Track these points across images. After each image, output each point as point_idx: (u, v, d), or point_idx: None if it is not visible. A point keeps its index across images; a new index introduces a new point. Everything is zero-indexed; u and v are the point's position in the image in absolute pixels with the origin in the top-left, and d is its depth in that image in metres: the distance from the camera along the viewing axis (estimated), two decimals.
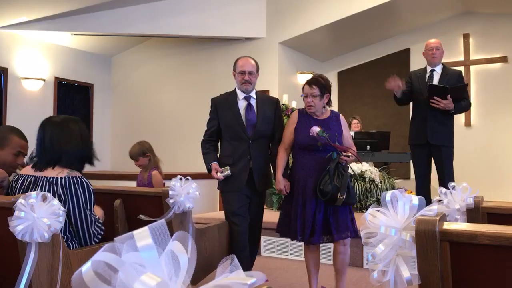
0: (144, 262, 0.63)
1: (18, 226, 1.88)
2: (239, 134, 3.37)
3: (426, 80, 4.46)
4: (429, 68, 4.52)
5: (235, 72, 3.44)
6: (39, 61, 7.50)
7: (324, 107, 3.26)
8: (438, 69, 4.49)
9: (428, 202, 4.03)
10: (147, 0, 6.91)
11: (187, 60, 8.17)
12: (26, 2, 6.19)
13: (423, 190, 4.44)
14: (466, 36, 7.23)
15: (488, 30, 7.08)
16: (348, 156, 3.07)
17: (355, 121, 6.62)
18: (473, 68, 7.18)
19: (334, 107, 5.42)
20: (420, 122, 4.38)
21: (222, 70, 7.49)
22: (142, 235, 0.62)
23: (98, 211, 2.60)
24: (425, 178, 4.46)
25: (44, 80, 7.47)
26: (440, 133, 4.31)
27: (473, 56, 7.17)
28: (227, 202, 3.44)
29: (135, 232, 0.63)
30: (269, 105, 3.50)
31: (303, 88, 3.26)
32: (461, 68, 7.11)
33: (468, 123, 7.11)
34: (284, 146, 3.33)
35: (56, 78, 7.79)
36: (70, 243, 2.28)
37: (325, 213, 3.10)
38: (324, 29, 6.97)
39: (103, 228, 2.45)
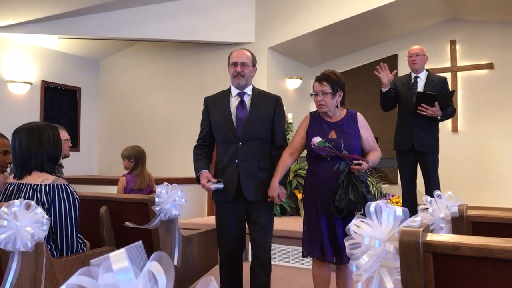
0: (121, 284, 0.62)
1: (1, 235, 1.85)
2: (228, 135, 3.01)
3: (411, 86, 4.48)
4: (413, 75, 4.55)
5: (228, 65, 3.12)
6: (26, 64, 7.43)
7: (337, 106, 2.91)
8: (422, 76, 4.52)
9: (415, 207, 4.02)
10: (136, 4, 6.88)
11: (176, 64, 8.15)
12: (13, 5, 6.13)
13: (409, 195, 4.47)
14: (453, 43, 7.30)
15: (475, 37, 7.15)
16: (360, 165, 2.70)
17: None
18: (460, 74, 7.25)
19: None
20: (406, 128, 4.42)
21: (211, 74, 7.48)
22: (118, 258, 0.61)
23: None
24: (411, 184, 4.49)
25: (30, 84, 7.39)
26: (425, 140, 4.35)
27: (460, 63, 7.24)
28: (216, 214, 3.11)
29: (111, 254, 0.62)
30: (267, 102, 3.10)
31: (313, 86, 2.96)
32: (448, 74, 7.19)
33: (455, 129, 7.17)
34: (290, 150, 3.00)
35: (43, 81, 7.71)
36: (54, 252, 2.26)
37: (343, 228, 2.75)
38: (312, 34, 6.99)
39: (84, 247, 2.42)
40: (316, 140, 2.75)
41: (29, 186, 2.24)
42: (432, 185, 4.28)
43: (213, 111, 3.10)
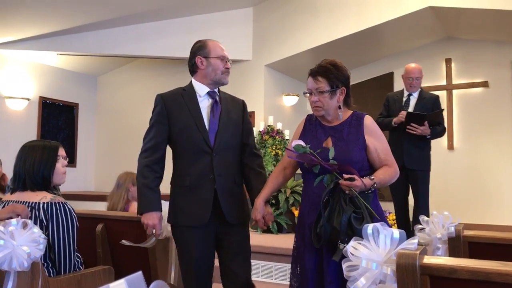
0: None
1: None
2: (199, 144, 2.41)
3: (403, 104, 4.51)
4: (406, 93, 4.57)
5: (209, 57, 2.50)
6: (24, 80, 7.45)
7: (339, 107, 2.26)
8: (415, 93, 4.54)
9: (407, 225, 3.96)
10: (134, 21, 6.94)
11: (173, 81, 8.11)
12: (12, 22, 6.17)
13: (401, 214, 4.46)
14: (448, 61, 7.36)
15: (470, 56, 7.22)
16: (352, 180, 1.98)
17: None
18: (455, 92, 7.30)
19: None
20: (397, 146, 4.34)
21: None
22: None
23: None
24: (403, 201, 4.49)
25: (28, 100, 7.41)
26: (416, 158, 4.35)
27: (455, 81, 7.30)
28: (181, 243, 2.45)
29: (112, 284, 0.62)
30: (234, 106, 2.59)
31: (307, 82, 2.34)
32: (444, 92, 7.24)
33: (450, 146, 7.20)
34: (282, 165, 2.41)
35: (41, 97, 7.73)
36: (50, 269, 2.25)
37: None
38: (309, 52, 7.05)
39: (81, 266, 2.41)
40: (294, 143, 2.10)
41: (26, 204, 2.24)
42: (420, 203, 4.30)
43: (176, 114, 2.47)
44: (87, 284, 2.30)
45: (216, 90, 2.55)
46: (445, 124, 4.59)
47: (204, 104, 2.49)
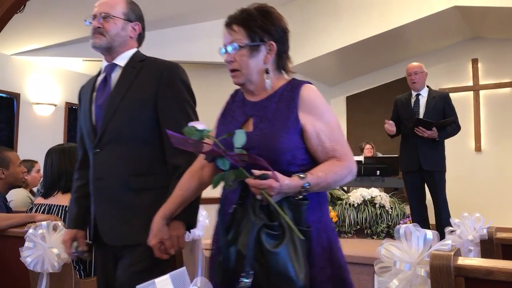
0: None
1: (29, 256, 1.89)
2: (86, 138, 1.85)
3: (412, 105, 4.45)
4: (414, 93, 4.50)
5: None
6: (50, 86, 7.60)
7: (267, 72, 1.51)
8: (424, 93, 4.45)
9: (426, 226, 3.86)
10: (157, 26, 7.01)
11: (195, 86, 8.13)
12: (38, 30, 6.31)
13: (418, 218, 4.32)
14: (474, 61, 7.24)
15: (497, 55, 7.09)
16: (265, 178, 1.26)
17: (368, 146, 6.65)
18: (482, 93, 7.18)
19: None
20: (411, 148, 4.36)
21: (228, 95, 7.54)
22: (163, 283, 0.61)
23: None
24: (421, 204, 4.41)
25: (55, 105, 7.56)
26: (432, 158, 4.29)
27: (482, 81, 7.17)
28: None
29: (157, 280, 0.63)
30: (147, 76, 1.80)
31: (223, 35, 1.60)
32: (470, 93, 7.13)
33: (478, 148, 7.07)
34: (199, 161, 1.61)
35: (67, 103, 7.87)
36: (82, 272, 2.28)
37: None
38: (332, 55, 7.02)
39: None
40: (189, 125, 1.33)
41: (60, 208, 2.28)
42: (441, 206, 4.23)
43: (81, 103, 1.96)
44: None
45: (116, 61, 1.88)
46: (459, 122, 4.42)
47: (98, 83, 1.91)
